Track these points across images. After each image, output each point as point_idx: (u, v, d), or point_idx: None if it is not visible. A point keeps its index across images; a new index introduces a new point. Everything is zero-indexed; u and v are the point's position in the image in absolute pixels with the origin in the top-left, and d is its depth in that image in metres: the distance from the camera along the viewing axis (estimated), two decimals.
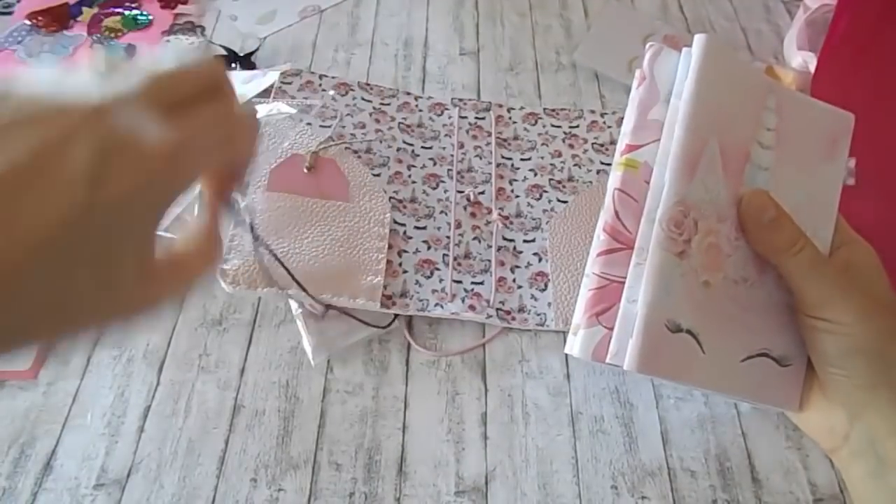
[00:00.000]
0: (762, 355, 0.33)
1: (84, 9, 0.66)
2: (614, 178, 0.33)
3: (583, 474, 0.39)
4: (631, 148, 0.33)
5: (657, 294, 0.30)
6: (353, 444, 0.40)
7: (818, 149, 0.36)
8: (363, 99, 0.55)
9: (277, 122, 0.51)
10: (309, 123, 0.52)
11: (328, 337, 0.43)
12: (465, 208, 0.49)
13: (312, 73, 0.56)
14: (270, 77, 0.57)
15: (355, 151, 0.51)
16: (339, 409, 0.41)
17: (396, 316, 0.44)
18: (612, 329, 0.31)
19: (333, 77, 0.57)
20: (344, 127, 0.52)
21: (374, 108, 0.55)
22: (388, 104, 0.55)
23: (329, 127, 0.52)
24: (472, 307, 0.44)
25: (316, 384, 0.42)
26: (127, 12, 0.66)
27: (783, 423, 0.41)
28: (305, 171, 0.48)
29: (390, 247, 0.46)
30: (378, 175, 0.50)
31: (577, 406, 0.42)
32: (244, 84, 0.56)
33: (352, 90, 0.56)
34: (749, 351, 0.33)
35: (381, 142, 0.52)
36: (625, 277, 0.32)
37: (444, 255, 0.46)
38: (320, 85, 0.55)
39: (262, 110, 0.52)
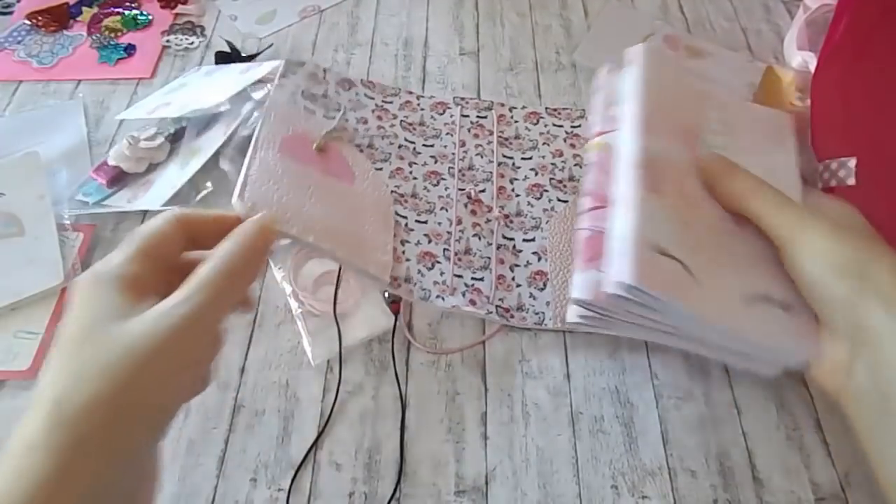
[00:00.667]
0: (765, 300, 0.34)
1: (84, 8, 0.66)
2: (592, 156, 0.39)
3: (583, 474, 0.39)
4: (601, 133, 0.40)
5: (638, 219, 0.33)
6: (353, 444, 0.40)
7: (766, 136, 0.40)
8: (366, 96, 0.55)
9: (281, 110, 0.49)
10: (313, 112, 0.51)
11: (328, 337, 0.43)
12: (465, 205, 0.49)
13: (317, 65, 0.56)
14: (266, 66, 0.57)
15: (357, 145, 0.51)
16: (340, 409, 0.41)
17: (397, 316, 0.44)
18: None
19: (337, 72, 0.56)
20: (347, 121, 0.52)
21: (376, 105, 0.55)
22: (391, 102, 0.55)
23: (333, 119, 0.51)
24: (472, 301, 0.44)
25: (316, 384, 0.42)
26: (127, 12, 0.66)
27: (784, 422, 0.41)
28: (315, 150, 0.47)
29: (394, 235, 0.46)
30: (380, 170, 0.50)
31: (577, 406, 0.42)
32: (241, 74, 0.56)
33: (354, 86, 0.55)
34: (748, 291, 0.34)
35: (382, 138, 0.52)
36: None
37: (444, 249, 0.46)
38: (324, 78, 0.55)
39: (257, 95, 0.53)
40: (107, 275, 0.26)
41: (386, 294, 0.45)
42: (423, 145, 0.53)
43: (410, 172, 0.50)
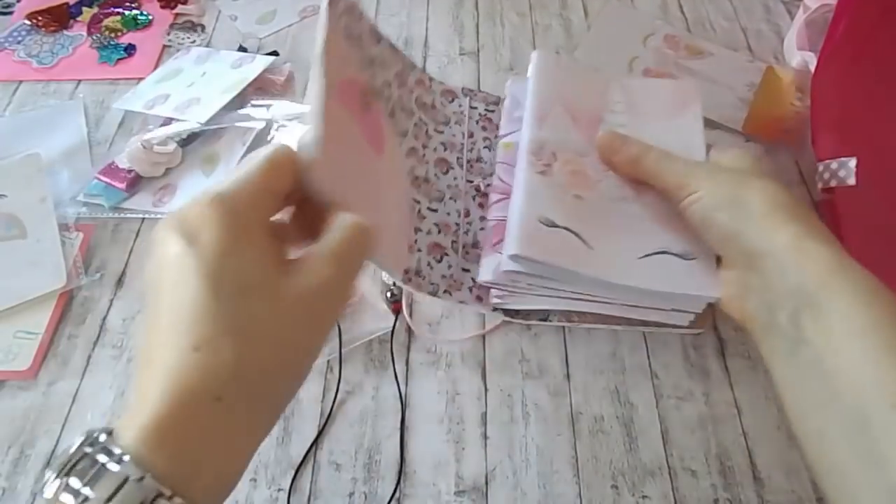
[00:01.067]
0: (662, 253, 0.37)
1: (84, 9, 0.66)
2: (499, 155, 0.46)
3: (583, 474, 0.39)
4: (507, 134, 0.47)
5: (526, 198, 0.38)
6: (353, 444, 0.40)
7: (670, 106, 0.44)
8: (391, 56, 0.51)
9: (339, 47, 0.41)
10: (349, 56, 0.47)
11: (328, 337, 0.43)
12: (473, 198, 0.49)
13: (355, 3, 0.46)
14: (260, 62, 0.57)
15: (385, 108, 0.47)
16: (339, 409, 0.41)
17: (397, 316, 0.44)
18: None
19: (370, 17, 0.49)
20: (377, 79, 0.48)
21: (397, 71, 0.52)
22: (409, 74, 0.52)
23: (366, 70, 0.47)
24: (479, 298, 0.44)
25: (316, 384, 0.42)
26: (127, 12, 0.66)
27: (784, 422, 0.41)
28: (360, 101, 0.41)
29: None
30: (400, 145, 0.49)
31: (577, 406, 0.42)
32: (233, 69, 0.56)
33: (380, 43, 0.47)
34: (646, 249, 0.37)
35: (402, 109, 0.50)
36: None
37: (452, 241, 0.46)
38: (361, 18, 0.45)
39: (261, 109, 0.53)
40: (250, 215, 0.24)
41: (388, 294, 0.45)
42: (435, 130, 0.52)
43: (423, 155, 0.49)
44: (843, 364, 0.28)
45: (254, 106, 0.55)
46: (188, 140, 0.53)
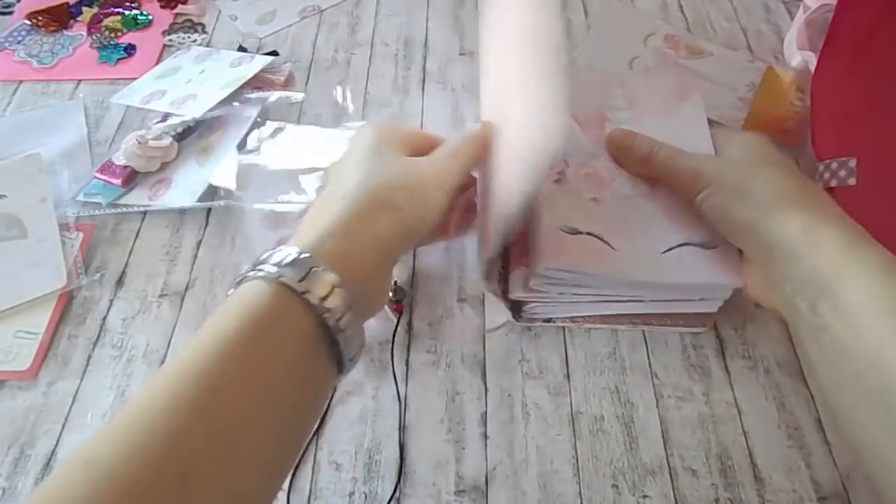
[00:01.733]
0: (683, 245, 0.38)
1: (84, 8, 0.66)
2: None
3: (583, 473, 0.39)
4: None
5: (545, 209, 0.39)
6: (353, 444, 0.40)
7: (670, 98, 0.45)
8: None
9: None
10: None
11: None
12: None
13: None
14: (258, 61, 0.57)
15: None
16: (340, 409, 0.41)
17: (399, 317, 0.44)
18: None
19: None
20: None
21: None
22: None
23: None
24: (504, 292, 0.44)
25: None
26: (127, 12, 0.66)
27: (785, 421, 0.41)
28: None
29: None
30: None
31: (577, 406, 0.42)
32: (232, 68, 0.56)
33: None
34: (667, 244, 0.38)
35: None
36: None
37: None
38: None
39: (256, 95, 0.54)
40: (390, 135, 0.35)
41: (389, 294, 0.45)
42: None
43: None
44: (864, 345, 0.28)
45: (248, 99, 0.55)
46: (184, 134, 0.53)
